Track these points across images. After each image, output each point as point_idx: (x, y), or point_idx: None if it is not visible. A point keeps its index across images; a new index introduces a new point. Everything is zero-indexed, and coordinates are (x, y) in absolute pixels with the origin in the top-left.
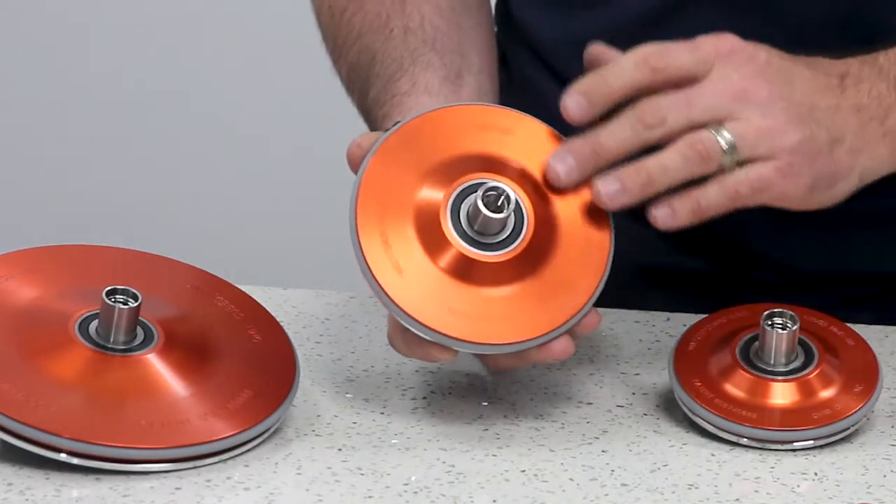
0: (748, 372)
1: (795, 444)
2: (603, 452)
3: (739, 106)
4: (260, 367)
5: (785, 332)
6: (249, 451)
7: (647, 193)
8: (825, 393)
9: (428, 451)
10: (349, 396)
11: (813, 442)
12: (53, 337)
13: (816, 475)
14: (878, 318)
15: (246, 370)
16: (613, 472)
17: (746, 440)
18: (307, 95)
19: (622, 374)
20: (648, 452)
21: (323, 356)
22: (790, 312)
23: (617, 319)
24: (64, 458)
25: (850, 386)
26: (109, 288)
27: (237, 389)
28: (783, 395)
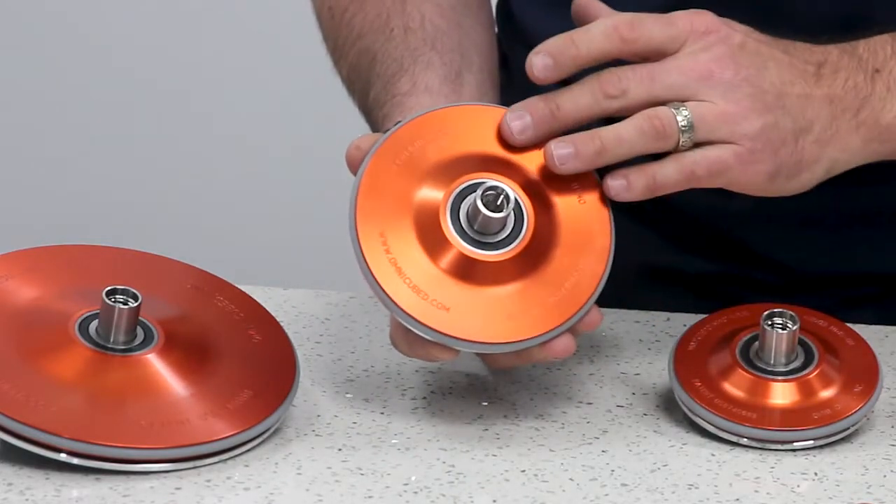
0: (748, 372)
1: (795, 444)
2: (603, 452)
3: (703, 87)
4: (260, 367)
5: (785, 332)
6: (249, 451)
7: (599, 162)
8: (825, 393)
9: (428, 451)
10: (349, 396)
11: (813, 442)
12: (53, 337)
13: (816, 475)
14: (878, 318)
15: (246, 370)
16: (613, 472)
17: (746, 440)
18: (308, 96)
19: (622, 374)
20: (648, 452)
21: (323, 356)
22: (790, 312)
23: (617, 319)
24: (64, 458)
25: (850, 386)
26: (109, 288)
27: (237, 389)
28: (783, 395)
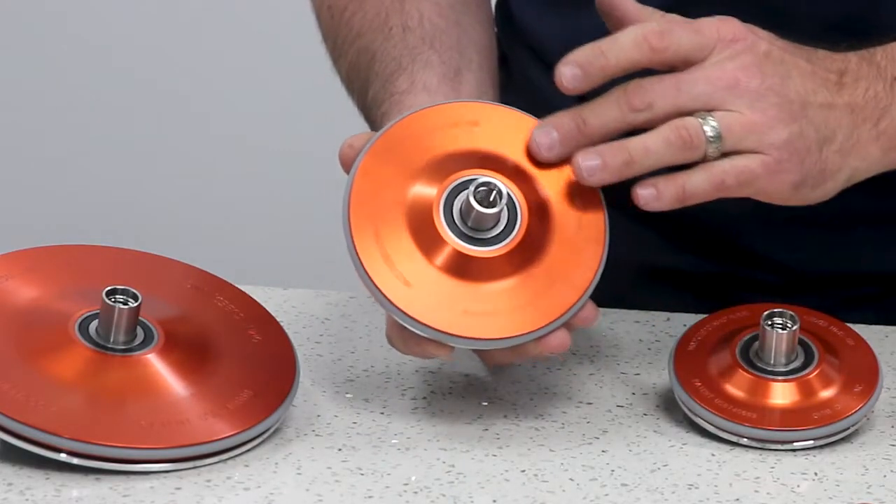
0: (748, 372)
1: (795, 444)
2: (603, 452)
3: (730, 96)
4: (260, 367)
5: (785, 332)
6: (249, 451)
7: (627, 173)
8: (825, 393)
9: (428, 451)
10: (349, 396)
11: (813, 442)
12: (53, 337)
13: (816, 475)
14: (878, 318)
15: (246, 370)
16: (613, 472)
17: (746, 440)
18: (308, 96)
19: (622, 374)
20: (648, 452)
21: (323, 356)
22: (790, 312)
23: (617, 319)
24: (64, 458)
25: (850, 386)
26: (109, 288)
27: (237, 389)
28: (783, 395)
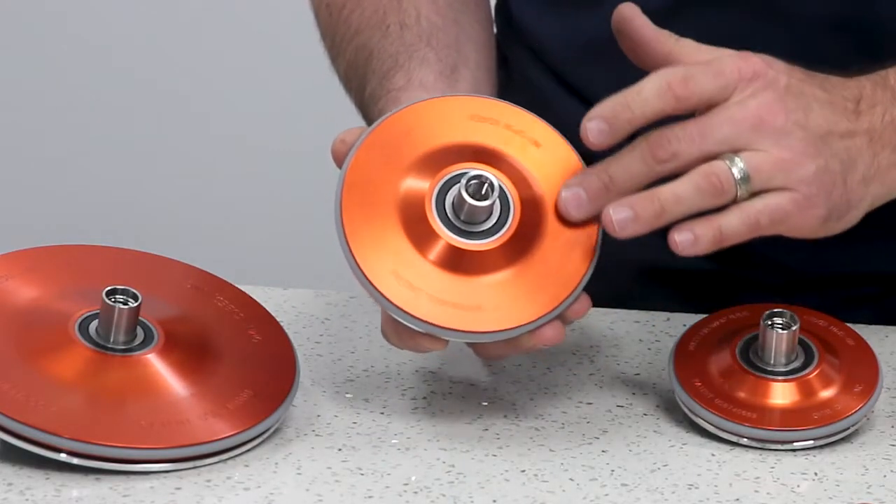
0: (748, 372)
1: (795, 444)
2: (603, 452)
3: (755, 136)
4: (260, 367)
5: (785, 332)
6: (249, 451)
7: (659, 223)
8: (825, 393)
9: (428, 451)
10: (349, 396)
11: (813, 442)
12: (53, 337)
13: (816, 475)
14: (878, 318)
15: (246, 370)
16: (613, 472)
17: (746, 440)
18: (307, 96)
19: (622, 374)
20: (648, 452)
21: (323, 356)
22: (790, 312)
23: (617, 319)
24: (64, 458)
25: (850, 386)
26: (109, 288)
27: (237, 389)
28: (783, 395)
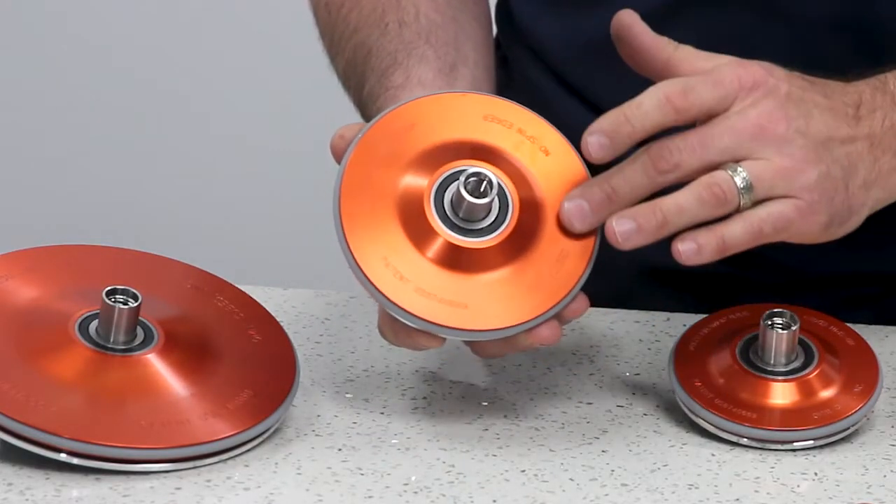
0: (748, 372)
1: (795, 444)
2: (603, 452)
3: (757, 145)
4: (260, 367)
5: (785, 332)
6: (249, 451)
7: (662, 234)
8: (825, 393)
9: (428, 451)
10: (349, 396)
11: (813, 442)
12: (53, 337)
13: (816, 475)
14: (878, 318)
15: (246, 370)
16: (613, 472)
17: (746, 440)
18: (307, 96)
19: (622, 374)
20: (648, 452)
21: (323, 356)
22: (790, 312)
23: (617, 319)
24: (64, 458)
25: (850, 386)
26: (109, 288)
27: (237, 389)
28: (783, 395)
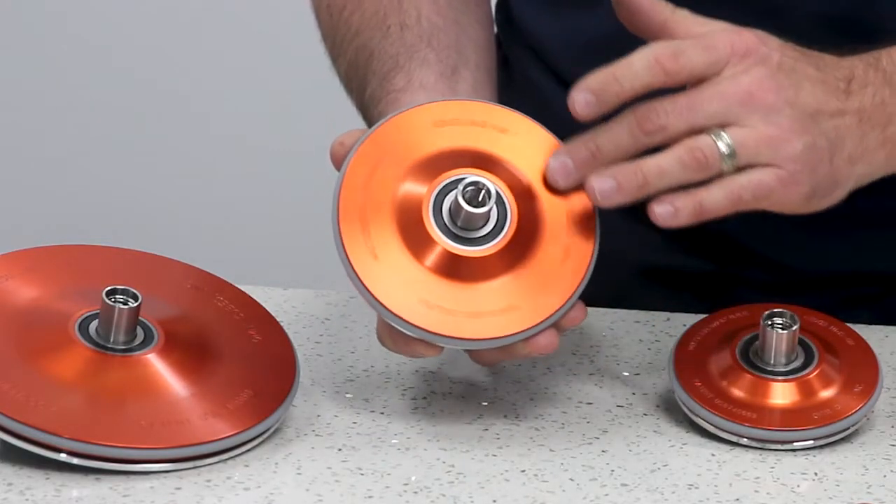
0: (748, 372)
1: (795, 444)
2: (603, 452)
3: (744, 111)
4: (260, 367)
5: (785, 332)
6: (249, 451)
7: (642, 194)
8: (825, 393)
9: (428, 451)
10: (349, 396)
11: (813, 442)
12: (53, 337)
13: (816, 475)
14: (878, 318)
15: (246, 370)
16: (613, 472)
17: (746, 440)
18: (308, 96)
19: (622, 374)
20: (648, 452)
21: (323, 356)
22: (790, 312)
23: (617, 319)
24: (64, 458)
25: (850, 386)
26: (109, 288)
27: (237, 389)
28: (783, 395)
